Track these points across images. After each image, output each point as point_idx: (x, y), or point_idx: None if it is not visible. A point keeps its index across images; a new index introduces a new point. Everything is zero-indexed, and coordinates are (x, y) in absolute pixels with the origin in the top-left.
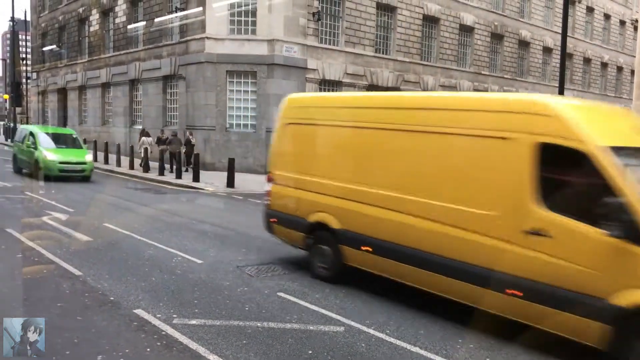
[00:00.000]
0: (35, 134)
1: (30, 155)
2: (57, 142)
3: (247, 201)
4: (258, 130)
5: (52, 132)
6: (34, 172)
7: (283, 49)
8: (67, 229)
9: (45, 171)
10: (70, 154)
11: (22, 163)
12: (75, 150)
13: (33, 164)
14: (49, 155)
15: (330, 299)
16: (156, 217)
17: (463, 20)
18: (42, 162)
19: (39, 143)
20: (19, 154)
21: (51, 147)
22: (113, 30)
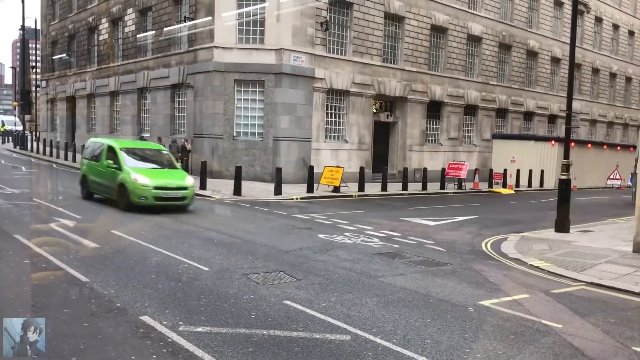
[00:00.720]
0: (116, 149)
1: (111, 178)
2: (146, 160)
3: (253, 209)
4: (265, 139)
5: (137, 147)
6: (119, 200)
7: (291, 58)
8: (74, 236)
9: (135, 199)
10: (167, 176)
11: (96, 187)
12: (171, 172)
13: (115, 190)
14: (140, 178)
15: (337, 308)
16: (163, 224)
17: (471, 30)
18: (130, 187)
19: (123, 162)
20: (91, 174)
21: (140, 167)
22: (122, 39)
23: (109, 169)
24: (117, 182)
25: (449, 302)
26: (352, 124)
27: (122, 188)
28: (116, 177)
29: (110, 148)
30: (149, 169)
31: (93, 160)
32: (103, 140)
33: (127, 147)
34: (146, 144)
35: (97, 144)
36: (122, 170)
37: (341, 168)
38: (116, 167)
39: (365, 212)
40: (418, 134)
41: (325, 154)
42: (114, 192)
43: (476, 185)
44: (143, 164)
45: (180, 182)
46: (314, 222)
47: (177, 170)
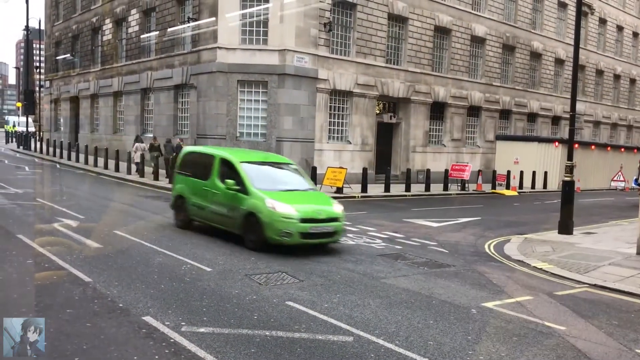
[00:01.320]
0: (235, 165)
1: (232, 204)
2: (275, 178)
3: None
4: (268, 140)
5: (259, 160)
6: (244, 235)
7: (294, 59)
8: (77, 236)
9: (273, 235)
10: (309, 201)
11: (202, 214)
12: (311, 195)
13: (239, 221)
14: (279, 206)
15: (340, 309)
16: (166, 225)
17: (474, 31)
18: (266, 218)
19: (249, 182)
20: (194, 196)
21: (273, 190)
22: (126, 40)
23: (228, 191)
24: (243, 210)
25: (452, 304)
26: (355, 125)
27: (250, 219)
28: (240, 203)
29: (226, 162)
30: (284, 191)
31: (195, 177)
32: (210, 150)
33: (248, 161)
34: (268, 155)
35: (200, 156)
36: (250, 193)
37: (344, 169)
38: (239, 188)
39: (368, 213)
40: (421, 135)
41: (328, 155)
42: (235, 224)
43: (479, 187)
44: (274, 185)
45: (329, 211)
46: None
47: (316, 192)
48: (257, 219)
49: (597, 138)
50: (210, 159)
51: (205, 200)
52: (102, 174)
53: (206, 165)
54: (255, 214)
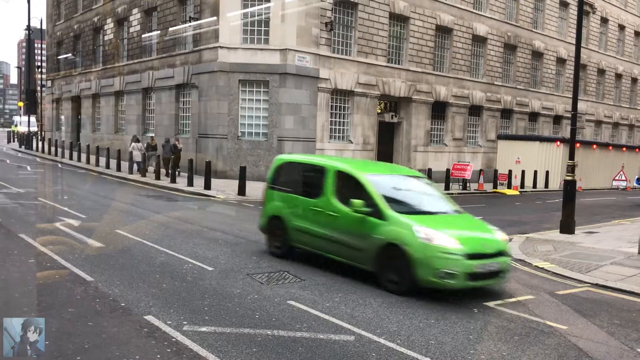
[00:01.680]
0: (360, 179)
1: (361, 231)
2: (415, 200)
3: (257, 209)
4: (270, 139)
5: (387, 173)
6: (381, 273)
7: (295, 59)
8: (79, 235)
9: (429, 276)
10: (467, 228)
11: (311, 241)
12: (464, 220)
13: (373, 254)
14: (438, 238)
15: (341, 308)
16: (168, 224)
17: (476, 30)
18: (418, 254)
19: (384, 204)
20: (298, 218)
21: (417, 214)
22: (127, 39)
23: (353, 214)
24: (377, 240)
25: (453, 303)
26: (357, 125)
27: (390, 253)
28: (372, 230)
29: (345, 176)
30: (430, 215)
31: (298, 194)
32: (319, 160)
33: (374, 173)
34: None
35: (303, 167)
36: (387, 218)
37: None
38: (369, 211)
39: None
40: (423, 135)
41: (330, 154)
42: (365, 257)
43: (481, 186)
44: (414, 206)
45: (494, 241)
46: None
47: (465, 214)
48: (403, 253)
49: (598, 137)
50: (321, 172)
51: (316, 224)
52: (104, 174)
53: (314, 179)
54: (400, 247)
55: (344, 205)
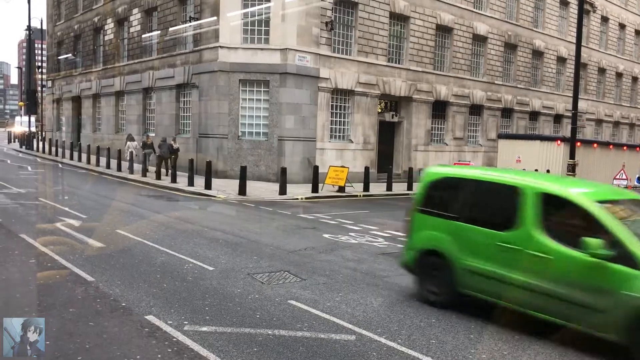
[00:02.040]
0: (590, 209)
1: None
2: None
3: (258, 209)
4: (270, 139)
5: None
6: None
7: (296, 58)
8: (80, 235)
9: None
10: None
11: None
12: None
13: (622, 319)
14: None
15: (342, 308)
16: (168, 224)
17: (476, 30)
18: None
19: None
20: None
21: None
22: (127, 39)
23: (582, 258)
24: (629, 299)
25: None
26: (357, 124)
27: None
28: (620, 284)
29: (559, 201)
30: None
31: (472, 223)
32: (505, 177)
33: (603, 198)
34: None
35: (476, 185)
36: None
37: (346, 168)
38: (614, 255)
39: (370, 212)
40: (423, 134)
41: (330, 154)
42: (609, 323)
43: None
44: None
45: None
46: (319, 222)
47: None
48: None
49: (599, 136)
50: (511, 193)
51: (508, 268)
52: (105, 174)
53: (499, 202)
54: None
55: (558, 243)
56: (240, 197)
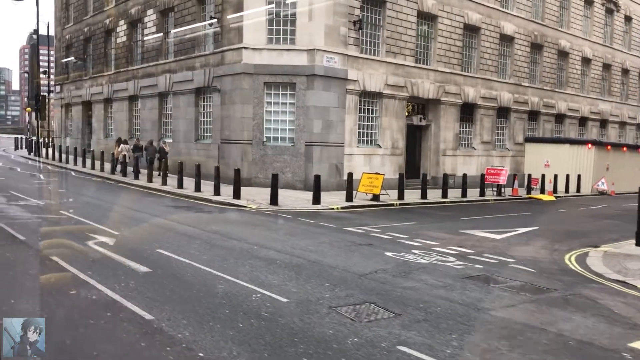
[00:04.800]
0: None
1: None
2: None
3: (298, 221)
4: (297, 144)
5: None
6: None
7: (324, 59)
8: (119, 257)
9: None
10: None
11: None
12: None
13: None
14: None
15: (467, 356)
16: (211, 241)
17: (503, 29)
18: None
19: None
20: None
21: None
22: (141, 42)
23: None
24: None
25: (593, 345)
26: (385, 128)
27: None
28: None
29: None
30: None
31: None
32: None
33: None
34: None
35: None
36: None
37: (381, 175)
38: None
39: (419, 223)
40: (451, 138)
41: (358, 160)
42: None
43: (515, 192)
44: None
45: None
46: (372, 237)
47: None
48: None
49: (622, 139)
50: None
51: None
52: (121, 182)
53: None
54: None
55: None
56: (272, 207)
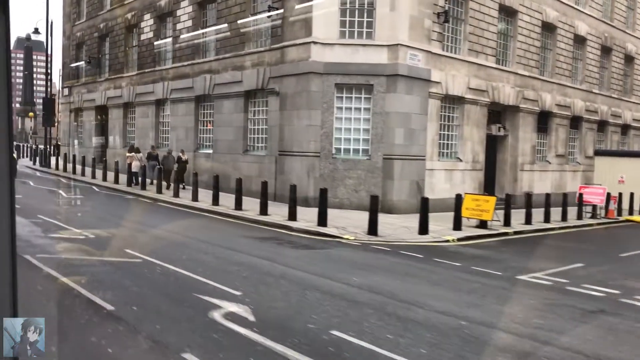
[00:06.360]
0: None
1: None
2: None
3: (425, 261)
4: (373, 157)
5: None
6: None
7: (407, 57)
8: (272, 344)
9: None
10: None
11: None
12: None
13: None
14: None
15: None
16: (382, 307)
17: (577, 29)
18: None
19: None
20: None
21: None
22: (173, 38)
23: None
24: None
25: None
26: (466, 139)
27: None
28: None
29: None
30: None
31: None
32: None
33: None
34: None
35: None
36: None
37: (491, 197)
38: None
39: (588, 265)
40: (529, 151)
41: (439, 176)
42: None
43: (611, 213)
44: None
45: None
46: (575, 295)
47: None
48: None
49: None
50: None
51: None
52: (159, 200)
53: None
54: None
55: None
56: (373, 238)
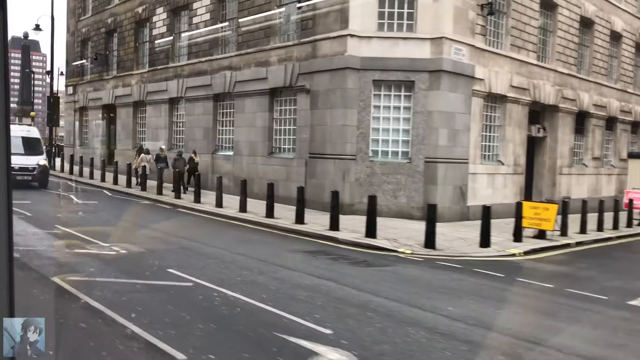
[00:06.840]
0: None
1: None
2: None
3: (517, 282)
4: (414, 160)
5: None
6: None
7: (452, 51)
8: None
9: None
10: None
11: None
12: None
13: None
14: None
15: None
16: (453, 333)
17: (614, 25)
18: None
19: None
20: None
21: None
22: (189, 32)
23: None
24: None
25: None
26: (508, 140)
27: None
28: None
29: None
30: None
31: None
32: None
33: None
34: None
35: None
36: None
37: (553, 205)
38: None
39: None
40: (567, 153)
41: (482, 180)
42: None
43: None
44: None
45: None
46: None
47: None
48: None
49: None
50: None
51: None
52: (179, 206)
53: None
54: None
55: None
56: (430, 251)
